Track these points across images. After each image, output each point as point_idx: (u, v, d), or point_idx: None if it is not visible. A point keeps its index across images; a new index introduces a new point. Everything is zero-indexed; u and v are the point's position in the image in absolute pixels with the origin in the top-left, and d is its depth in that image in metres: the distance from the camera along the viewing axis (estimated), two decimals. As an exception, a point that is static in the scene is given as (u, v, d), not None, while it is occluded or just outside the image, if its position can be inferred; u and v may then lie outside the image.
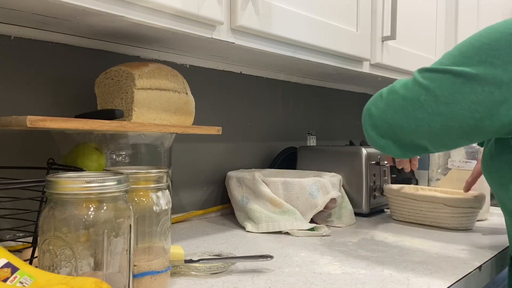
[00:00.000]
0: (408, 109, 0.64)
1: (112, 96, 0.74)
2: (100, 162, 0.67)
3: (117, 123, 0.62)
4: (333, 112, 1.53)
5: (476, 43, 0.59)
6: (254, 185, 0.95)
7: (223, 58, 1.04)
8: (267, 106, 1.26)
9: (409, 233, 0.93)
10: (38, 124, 0.53)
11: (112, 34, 0.80)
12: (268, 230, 0.91)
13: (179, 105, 0.78)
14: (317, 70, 1.19)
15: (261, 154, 1.25)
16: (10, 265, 0.39)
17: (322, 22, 0.96)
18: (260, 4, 0.81)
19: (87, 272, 0.43)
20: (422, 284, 0.61)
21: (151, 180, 0.54)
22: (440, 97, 0.61)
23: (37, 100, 0.79)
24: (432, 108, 0.61)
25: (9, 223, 0.71)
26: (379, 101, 0.69)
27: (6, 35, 0.75)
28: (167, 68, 0.78)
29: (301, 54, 0.95)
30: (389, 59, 1.20)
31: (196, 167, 1.07)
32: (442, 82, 0.61)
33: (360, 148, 1.10)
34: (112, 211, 0.45)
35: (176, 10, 0.69)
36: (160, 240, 0.55)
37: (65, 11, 0.64)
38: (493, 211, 1.21)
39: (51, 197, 0.44)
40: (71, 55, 0.83)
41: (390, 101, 0.67)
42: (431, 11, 1.40)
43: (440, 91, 0.61)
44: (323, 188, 0.95)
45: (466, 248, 0.81)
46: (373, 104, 0.70)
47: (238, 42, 0.80)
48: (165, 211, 0.55)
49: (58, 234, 0.42)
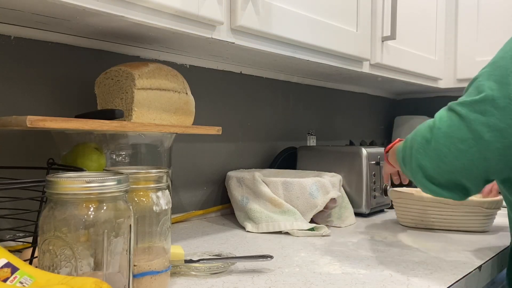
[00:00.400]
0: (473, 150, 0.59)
1: (112, 96, 0.74)
2: (100, 162, 0.66)
3: (117, 123, 0.62)
4: (333, 112, 1.53)
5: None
6: (254, 185, 0.95)
7: (223, 58, 1.04)
8: (267, 106, 1.26)
9: (409, 233, 0.93)
10: (38, 124, 0.53)
11: (112, 34, 0.80)
12: (268, 230, 0.91)
13: (179, 105, 0.78)
14: (317, 70, 1.19)
15: (261, 154, 1.25)
16: (10, 265, 0.39)
17: (322, 22, 0.96)
18: (260, 4, 0.81)
19: (87, 272, 0.43)
20: (422, 284, 0.61)
21: (151, 180, 0.54)
22: (508, 129, 0.57)
23: (37, 100, 0.79)
24: (502, 143, 0.58)
25: (9, 223, 0.71)
26: (427, 149, 0.63)
27: (6, 35, 0.75)
28: (167, 68, 0.78)
29: (301, 54, 0.95)
30: (389, 59, 1.20)
31: (196, 167, 1.07)
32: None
33: (360, 148, 1.10)
34: (112, 211, 0.45)
35: (176, 10, 0.69)
36: (160, 240, 0.55)
37: (65, 11, 0.64)
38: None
39: (51, 197, 0.44)
40: (71, 55, 0.83)
41: (444, 147, 0.61)
42: (431, 11, 1.40)
43: (503, 123, 0.57)
44: (323, 188, 0.95)
45: (466, 248, 0.81)
46: (420, 153, 0.64)
47: (238, 42, 0.80)
48: (165, 211, 0.55)
49: (58, 234, 0.42)
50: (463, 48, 1.44)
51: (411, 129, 1.63)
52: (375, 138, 1.76)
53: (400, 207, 1.00)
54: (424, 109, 1.77)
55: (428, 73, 1.38)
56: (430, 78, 1.43)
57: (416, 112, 1.73)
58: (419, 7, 1.33)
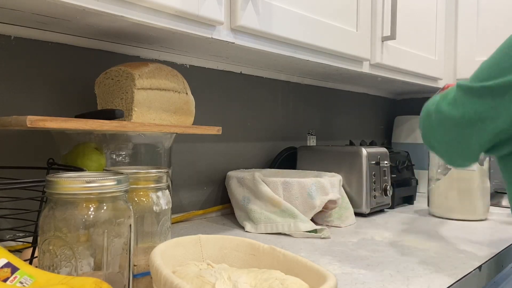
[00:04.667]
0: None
1: (112, 96, 0.74)
2: (100, 162, 0.66)
3: (117, 123, 0.62)
4: (333, 112, 1.53)
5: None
6: (254, 185, 0.95)
7: (223, 58, 1.04)
8: (267, 106, 1.26)
9: (409, 233, 0.93)
10: (38, 124, 0.53)
11: (112, 34, 0.80)
12: (266, 231, 0.91)
13: (179, 105, 0.78)
14: (317, 70, 1.19)
15: (261, 154, 1.25)
16: (10, 265, 0.39)
17: (322, 22, 0.96)
18: (260, 4, 0.81)
19: (87, 272, 0.43)
20: (422, 284, 0.61)
21: (151, 180, 0.54)
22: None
23: (37, 100, 0.79)
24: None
25: (9, 223, 0.71)
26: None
27: (6, 35, 0.75)
28: (167, 68, 0.78)
29: (301, 54, 0.95)
30: (389, 59, 1.20)
31: (196, 167, 1.07)
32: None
33: (360, 148, 1.10)
34: (112, 211, 0.45)
35: (176, 10, 0.69)
36: (160, 240, 0.55)
37: (65, 11, 0.64)
38: (493, 211, 1.21)
39: (51, 197, 0.44)
40: (71, 55, 0.83)
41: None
42: (431, 11, 1.40)
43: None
44: (322, 189, 0.95)
45: (466, 248, 0.81)
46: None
47: (238, 42, 0.80)
48: (165, 211, 0.55)
49: (58, 234, 0.42)
50: (463, 48, 1.44)
51: (411, 129, 1.64)
52: (375, 138, 1.76)
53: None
54: (424, 109, 1.77)
55: (428, 73, 1.38)
56: (430, 78, 1.43)
57: (416, 112, 1.72)
58: (419, 7, 1.33)
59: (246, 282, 0.43)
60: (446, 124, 0.67)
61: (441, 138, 0.70)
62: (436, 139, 0.71)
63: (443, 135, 0.69)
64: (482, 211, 1.08)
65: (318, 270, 0.44)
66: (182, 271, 0.46)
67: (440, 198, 1.11)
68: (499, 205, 1.29)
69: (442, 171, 1.12)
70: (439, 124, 0.69)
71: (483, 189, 1.08)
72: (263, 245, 0.52)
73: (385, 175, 1.15)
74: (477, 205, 1.07)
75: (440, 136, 0.70)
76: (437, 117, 0.69)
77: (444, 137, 0.69)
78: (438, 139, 0.70)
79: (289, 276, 0.45)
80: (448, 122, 0.67)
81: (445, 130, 0.68)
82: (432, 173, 1.15)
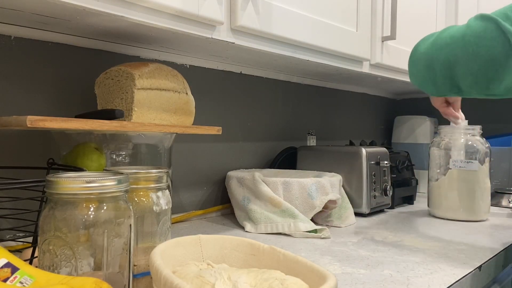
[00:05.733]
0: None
1: (112, 96, 0.74)
2: (100, 162, 0.67)
3: (117, 123, 0.62)
4: (333, 112, 1.53)
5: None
6: (254, 185, 0.95)
7: (223, 58, 1.04)
8: (267, 106, 1.26)
9: (409, 233, 0.93)
10: (38, 124, 0.53)
11: (112, 34, 0.80)
12: (266, 231, 0.91)
13: (179, 105, 0.78)
14: (317, 70, 1.19)
15: (261, 154, 1.25)
16: (10, 265, 0.39)
17: (322, 22, 0.96)
18: (260, 4, 0.81)
19: (87, 272, 0.43)
20: (422, 284, 0.61)
21: (151, 180, 0.54)
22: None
23: (37, 100, 0.79)
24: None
25: (9, 223, 0.71)
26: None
27: (6, 35, 0.75)
28: (167, 68, 0.78)
29: (301, 54, 0.95)
30: (389, 59, 1.20)
31: (196, 167, 1.07)
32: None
33: (360, 148, 1.10)
34: (112, 211, 0.45)
35: (176, 10, 0.69)
36: (160, 240, 0.55)
37: (65, 11, 0.64)
38: (493, 211, 1.21)
39: (51, 197, 0.44)
40: (71, 55, 0.83)
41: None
42: (431, 11, 1.40)
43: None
44: (322, 189, 0.95)
45: (466, 248, 0.81)
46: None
47: (238, 42, 0.80)
48: (165, 211, 0.55)
49: (58, 234, 0.42)
50: (463, 48, 1.44)
51: (411, 129, 1.64)
52: (375, 138, 1.76)
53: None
54: (424, 109, 1.77)
55: (428, 73, 1.38)
56: (430, 78, 1.43)
57: (416, 112, 1.72)
58: (419, 7, 1.33)
59: (246, 282, 0.43)
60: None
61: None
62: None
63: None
64: (482, 211, 1.08)
65: (318, 270, 0.44)
66: (182, 271, 0.46)
67: (440, 198, 1.11)
68: (499, 205, 1.29)
69: (442, 171, 1.12)
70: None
71: (483, 189, 1.08)
72: (263, 245, 0.52)
73: (385, 175, 1.15)
74: (478, 205, 1.07)
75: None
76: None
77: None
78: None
79: (289, 276, 0.45)
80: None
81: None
82: (432, 173, 1.15)
